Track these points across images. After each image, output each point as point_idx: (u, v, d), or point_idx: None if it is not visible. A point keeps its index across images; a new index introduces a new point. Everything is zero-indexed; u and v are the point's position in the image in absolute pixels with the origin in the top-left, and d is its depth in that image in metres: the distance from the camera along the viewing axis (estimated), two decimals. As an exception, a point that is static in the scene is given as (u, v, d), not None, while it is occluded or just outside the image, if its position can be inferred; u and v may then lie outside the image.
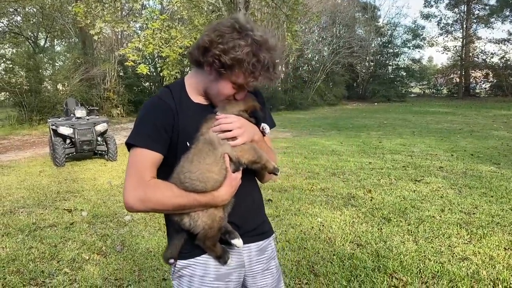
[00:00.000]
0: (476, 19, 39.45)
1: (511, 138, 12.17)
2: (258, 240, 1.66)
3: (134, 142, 1.47)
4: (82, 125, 9.14)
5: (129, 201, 1.40)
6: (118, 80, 21.62)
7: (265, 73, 1.45)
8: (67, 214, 5.34)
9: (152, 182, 1.42)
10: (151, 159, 1.46)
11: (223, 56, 1.41)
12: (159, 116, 1.48)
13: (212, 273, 1.54)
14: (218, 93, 1.52)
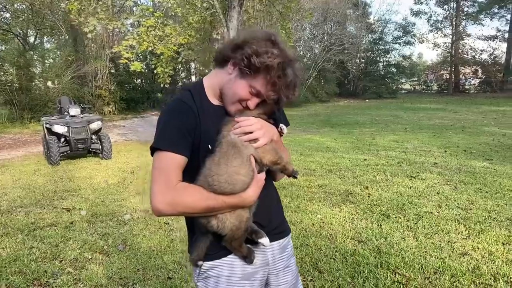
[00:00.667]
0: (465, 16, 39.75)
1: (501, 134, 12.33)
2: (279, 238, 1.69)
3: (160, 146, 1.47)
4: (77, 123, 9.08)
5: (158, 206, 1.40)
6: (110, 77, 21.46)
7: (286, 90, 1.47)
8: (66, 213, 5.32)
9: (180, 186, 1.43)
10: (177, 163, 1.46)
11: (253, 57, 1.42)
12: (183, 119, 1.49)
13: (238, 273, 1.56)
14: (233, 94, 1.51)
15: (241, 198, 1.45)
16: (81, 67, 18.98)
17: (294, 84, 1.48)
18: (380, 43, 39.12)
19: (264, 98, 1.52)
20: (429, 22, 41.00)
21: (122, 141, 12.92)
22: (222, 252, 1.55)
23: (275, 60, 1.42)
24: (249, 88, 1.48)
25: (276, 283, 1.69)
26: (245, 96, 1.50)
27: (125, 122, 19.08)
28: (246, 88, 1.48)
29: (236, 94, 1.51)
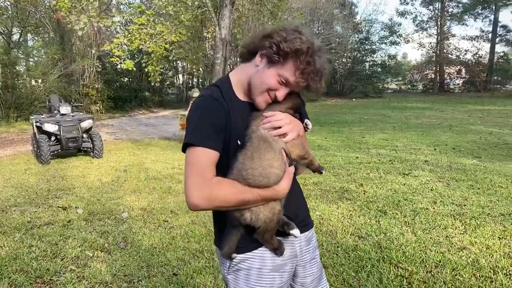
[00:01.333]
0: (450, 17, 40.38)
1: (488, 132, 12.57)
2: (305, 230, 1.72)
3: (194, 141, 1.46)
4: (67, 121, 8.98)
5: (195, 200, 1.40)
6: (97, 76, 21.24)
7: (314, 78, 1.48)
8: (62, 212, 5.27)
9: (215, 180, 1.43)
10: (211, 158, 1.46)
11: (282, 43, 1.44)
12: (215, 115, 1.49)
13: (268, 265, 1.58)
14: (261, 83, 1.51)
15: (275, 190, 1.47)
16: (68, 66, 18.75)
17: (321, 74, 1.49)
18: (367, 43, 39.49)
19: (293, 89, 1.53)
20: (414, 22, 41.61)
21: (112, 140, 12.82)
22: (253, 245, 1.57)
23: (303, 44, 1.44)
24: (278, 76, 1.48)
25: (303, 275, 1.72)
26: (274, 85, 1.50)
27: (113, 121, 18.92)
28: (275, 76, 1.49)
29: (264, 83, 1.50)
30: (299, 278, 1.72)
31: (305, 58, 1.44)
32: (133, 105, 24.14)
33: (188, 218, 4.92)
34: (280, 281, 1.60)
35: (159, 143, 11.89)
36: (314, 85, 1.50)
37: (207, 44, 13.80)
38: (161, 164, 8.36)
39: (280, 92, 1.52)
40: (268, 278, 1.58)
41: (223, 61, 10.59)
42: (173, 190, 6.29)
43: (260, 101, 1.53)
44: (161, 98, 27.73)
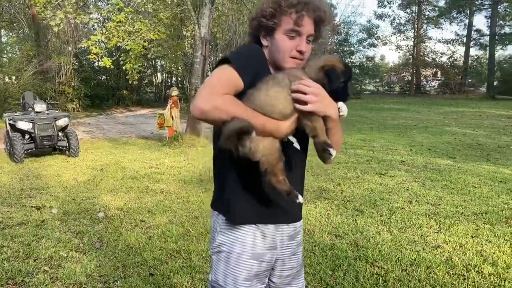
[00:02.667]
0: (426, 20, 41.16)
1: (462, 133, 12.86)
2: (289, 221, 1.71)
3: (233, 60, 1.48)
4: (42, 119, 8.79)
5: (203, 105, 1.38)
6: (74, 73, 20.85)
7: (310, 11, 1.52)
8: (36, 212, 5.15)
9: (229, 96, 1.43)
10: (236, 83, 1.47)
11: (265, 11, 1.53)
12: (258, 59, 1.57)
13: (248, 252, 1.59)
14: (279, 52, 1.56)
15: (278, 125, 1.45)
16: (44, 62, 18.34)
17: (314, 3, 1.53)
18: (345, 45, 39.91)
19: (306, 32, 1.55)
20: (392, 24, 42.22)
21: (89, 138, 12.60)
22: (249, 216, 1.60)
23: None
24: (285, 35, 1.55)
25: (281, 268, 1.73)
26: (289, 45, 1.55)
27: (90, 119, 18.62)
28: (284, 37, 1.55)
29: (281, 50, 1.56)
30: (276, 271, 1.73)
31: (286, 2, 1.51)
32: (110, 104, 23.79)
33: (166, 218, 4.88)
34: (258, 269, 1.62)
35: (137, 142, 11.75)
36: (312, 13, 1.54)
37: (187, 43, 13.69)
38: (139, 164, 8.27)
39: (301, 44, 1.56)
40: (247, 264, 1.60)
41: (203, 60, 10.54)
42: (150, 189, 6.23)
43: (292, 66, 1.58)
44: (139, 97, 27.41)
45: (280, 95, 1.46)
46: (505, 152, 9.48)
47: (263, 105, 1.44)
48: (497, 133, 12.99)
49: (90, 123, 17.04)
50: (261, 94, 1.45)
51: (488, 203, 5.32)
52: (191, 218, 4.85)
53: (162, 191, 6.11)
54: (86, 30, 22.26)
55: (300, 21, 1.52)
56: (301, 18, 1.51)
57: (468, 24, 39.50)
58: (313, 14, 1.54)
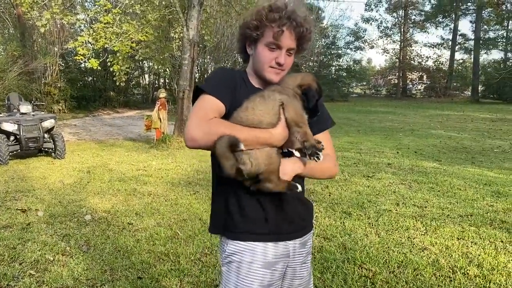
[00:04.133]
0: (412, 24, 41.67)
1: (448, 136, 13.03)
2: (303, 234, 1.74)
3: (205, 88, 1.58)
4: (28, 121, 8.68)
5: (194, 134, 1.45)
6: (60, 74, 20.61)
7: (291, 26, 1.57)
8: (21, 215, 5.08)
9: (215, 119, 1.50)
10: (216, 106, 1.55)
11: (248, 23, 1.59)
12: (228, 76, 1.67)
13: (259, 260, 1.59)
14: (259, 62, 1.64)
15: (270, 133, 1.51)
16: (29, 63, 18.10)
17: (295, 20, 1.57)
18: (333, 48, 40.12)
19: (286, 46, 1.60)
20: (379, 28, 42.67)
21: (75, 140, 12.47)
22: (244, 235, 1.61)
23: (259, 10, 1.59)
24: (266, 47, 1.60)
25: (292, 276, 1.73)
26: (269, 56, 1.61)
27: (76, 121, 18.42)
28: (265, 48, 1.61)
29: (261, 60, 1.63)
30: (286, 280, 1.73)
31: (269, 16, 1.56)
32: (97, 105, 23.57)
33: (154, 220, 4.85)
34: (271, 278, 1.62)
35: (124, 144, 11.66)
36: (294, 31, 1.59)
37: (174, 45, 13.65)
38: (126, 166, 8.21)
39: (280, 57, 1.62)
40: (259, 273, 1.59)
41: (191, 62, 10.52)
42: (138, 192, 6.18)
43: (270, 76, 1.65)
44: (127, 98, 27.20)
45: (266, 114, 1.53)
46: (489, 155, 9.63)
47: (250, 122, 1.51)
48: (482, 136, 13.18)
49: (76, 125, 16.87)
50: (248, 114, 1.52)
51: (473, 206, 5.39)
52: (179, 220, 4.83)
53: (150, 194, 6.07)
54: (73, 30, 22.06)
55: (279, 36, 1.57)
56: (280, 33, 1.57)
57: (453, 29, 40.15)
58: (294, 30, 1.59)
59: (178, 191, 6.19)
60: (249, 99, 1.57)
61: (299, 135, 1.54)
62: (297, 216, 1.70)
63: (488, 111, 23.21)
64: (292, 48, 1.62)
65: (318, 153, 1.50)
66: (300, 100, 1.60)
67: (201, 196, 5.88)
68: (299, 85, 1.62)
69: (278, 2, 1.59)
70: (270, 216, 1.61)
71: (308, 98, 1.60)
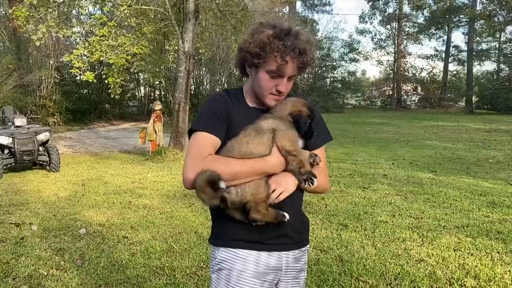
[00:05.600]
0: (406, 36, 42.04)
1: (442, 147, 13.08)
2: (296, 247, 1.74)
3: (196, 127, 1.61)
4: (23, 134, 8.64)
5: (189, 174, 1.49)
6: (55, 87, 20.58)
7: (295, 55, 1.56)
8: (15, 229, 5.03)
9: (210, 157, 1.53)
10: (210, 141, 1.58)
11: (250, 47, 1.56)
12: (217, 107, 1.65)
13: (250, 270, 1.59)
14: (259, 88, 1.63)
15: (265, 161, 1.54)
16: (24, 76, 18.07)
17: (299, 48, 1.56)
18: (328, 60, 40.33)
19: (288, 74, 1.60)
20: (373, 40, 42.98)
21: (70, 153, 12.42)
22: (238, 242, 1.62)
23: (264, 37, 1.54)
24: (268, 74, 1.59)
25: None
26: (269, 84, 1.61)
27: (71, 133, 18.36)
28: (266, 75, 1.60)
29: (261, 87, 1.63)
30: None
31: (274, 45, 1.53)
32: (92, 118, 23.49)
33: (149, 234, 4.81)
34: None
35: (119, 156, 11.62)
36: (295, 61, 1.58)
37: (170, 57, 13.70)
38: (121, 178, 8.17)
39: (281, 86, 1.62)
40: (249, 283, 1.59)
41: (186, 74, 10.54)
42: (133, 204, 6.15)
43: (269, 102, 1.67)
44: (122, 111, 27.15)
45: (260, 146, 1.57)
46: (484, 165, 9.67)
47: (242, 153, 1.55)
48: (476, 146, 13.25)
49: (71, 137, 16.82)
50: (242, 148, 1.57)
51: (469, 216, 5.40)
52: (175, 234, 4.79)
53: (145, 206, 6.04)
54: (68, 43, 22.09)
55: (283, 68, 1.57)
56: (284, 65, 1.56)
57: (447, 40, 40.55)
58: (298, 59, 1.58)
59: (173, 204, 6.16)
60: (245, 132, 1.59)
61: (294, 163, 1.59)
62: (291, 229, 1.70)
63: (482, 122, 23.35)
64: (294, 75, 1.63)
65: (312, 179, 1.58)
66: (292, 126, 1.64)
67: (196, 208, 5.85)
68: (289, 113, 1.65)
69: (282, 26, 1.58)
70: (263, 226, 1.61)
71: (299, 125, 1.64)
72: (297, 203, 1.74)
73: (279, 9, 33.83)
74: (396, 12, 40.91)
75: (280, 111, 1.65)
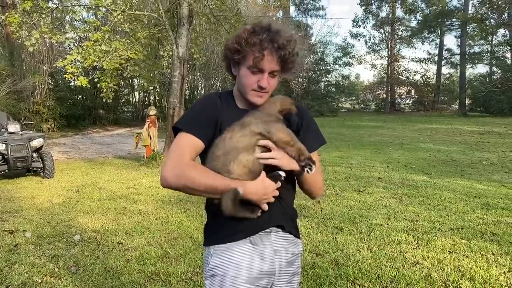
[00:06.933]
0: (399, 40, 42.33)
1: (437, 150, 13.14)
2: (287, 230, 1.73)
3: (181, 126, 1.62)
4: (16, 140, 8.59)
5: (166, 174, 1.51)
6: (49, 93, 20.49)
7: (273, 49, 1.55)
8: (8, 236, 4.99)
9: (191, 163, 1.53)
10: (193, 143, 1.59)
11: (230, 44, 1.59)
12: (206, 109, 1.65)
13: (244, 275, 1.58)
14: (242, 85, 1.64)
15: (243, 184, 1.51)
16: (18, 82, 17.99)
17: (277, 42, 1.55)
18: (322, 64, 40.52)
19: (269, 69, 1.59)
20: (366, 44, 43.21)
21: (64, 159, 12.36)
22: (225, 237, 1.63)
23: (241, 33, 1.57)
24: (248, 70, 1.59)
25: None
26: (251, 80, 1.61)
27: (65, 139, 18.28)
28: (247, 71, 1.60)
29: (244, 84, 1.63)
30: None
31: (249, 40, 1.54)
32: (86, 123, 23.41)
33: (144, 239, 4.79)
34: None
35: (114, 162, 11.57)
36: (277, 56, 1.57)
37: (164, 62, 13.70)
38: (116, 184, 8.13)
39: (262, 81, 1.61)
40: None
41: (181, 79, 10.54)
42: (128, 210, 6.12)
43: (253, 99, 1.65)
44: (116, 116, 27.07)
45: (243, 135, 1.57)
46: (478, 167, 9.72)
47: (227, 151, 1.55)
48: (470, 149, 13.32)
49: (65, 143, 16.74)
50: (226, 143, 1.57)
51: (464, 218, 5.42)
52: (170, 239, 4.78)
53: (140, 212, 6.01)
54: (62, 49, 22.02)
55: (259, 61, 1.56)
56: (260, 58, 1.56)
57: (439, 44, 40.86)
58: (276, 52, 1.57)
59: (168, 209, 6.14)
60: (229, 128, 1.60)
61: (293, 153, 1.59)
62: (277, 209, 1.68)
63: (476, 124, 23.49)
64: (275, 70, 1.62)
65: (311, 165, 1.59)
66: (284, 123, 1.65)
67: (192, 213, 5.83)
68: (279, 111, 1.66)
69: (262, 23, 1.59)
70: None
71: (291, 122, 1.65)
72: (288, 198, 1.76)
73: (273, 14, 33.92)
74: (389, 16, 41.19)
75: (269, 109, 1.65)
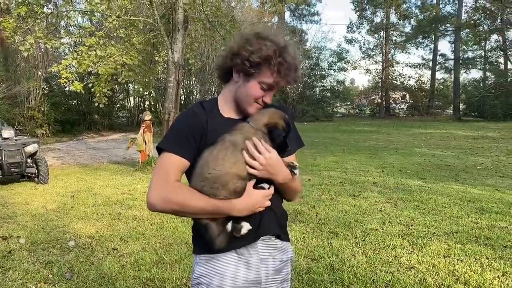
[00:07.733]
0: (394, 45, 42.53)
1: (431, 154, 13.19)
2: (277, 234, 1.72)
3: (164, 147, 1.59)
4: (10, 146, 8.56)
5: (152, 200, 1.51)
6: (44, 98, 20.43)
7: (290, 73, 1.59)
8: (2, 242, 4.96)
9: (176, 184, 1.52)
10: (177, 163, 1.56)
11: (252, 56, 1.54)
12: (189, 124, 1.61)
13: (228, 285, 1.57)
14: (247, 95, 1.62)
15: (231, 203, 1.51)
16: (12, 87, 17.93)
17: (295, 67, 1.60)
18: (317, 69, 40.65)
19: (276, 88, 1.64)
20: (361, 49, 43.37)
21: (59, 164, 12.31)
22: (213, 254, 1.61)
23: (270, 50, 1.55)
24: (259, 85, 1.60)
25: None
26: (259, 94, 1.61)
27: (60, 145, 18.21)
28: (257, 86, 1.60)
29: (249, 95, 1.62)
30: None
31: (276, 60, 1.55)
32: (81, 129, 23.35)
33: (139, 245, 4.77)
34: None
35: (109, 167, 11.54)
36: (291, 79, 1.61)
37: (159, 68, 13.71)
38: (111, 189, 8.10)
39: (267, 98, 1.64)
40: None
41: (176, 84, 10.55)
42: (122, 216, 6.10)
43: (252, 110, 1.65)
44: (111, 121, 27.00)
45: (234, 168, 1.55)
46: (472, 172, 9.77)
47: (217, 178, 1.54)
48: (464, 153, 13.39)
49: (60, 149, 16.67)
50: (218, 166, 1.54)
51: (458, 223, 5.44)
52: (165, 245, 4.76)
53: (135, 218, 5.99)
54: (57, 54, 21.99)
55: (279, 84, 1.61)
56: (281, 83, 1.60)
57: (433, 49, 41.12)
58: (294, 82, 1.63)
59: (163, 215, 6.12)
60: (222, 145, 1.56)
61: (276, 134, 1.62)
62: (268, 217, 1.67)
63: (470, 129, 23.62)
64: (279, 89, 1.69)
65: (293, 171, 1.64)
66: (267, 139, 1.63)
67: (186, 219, 5.80)
68: (265, 124, 1.64)
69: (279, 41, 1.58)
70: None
71: (273, 136, 1.63)
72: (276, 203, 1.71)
73: (268, 19, 34.06)
74: (383, 22, 41.43)
75: (258, 121, 1.64)
